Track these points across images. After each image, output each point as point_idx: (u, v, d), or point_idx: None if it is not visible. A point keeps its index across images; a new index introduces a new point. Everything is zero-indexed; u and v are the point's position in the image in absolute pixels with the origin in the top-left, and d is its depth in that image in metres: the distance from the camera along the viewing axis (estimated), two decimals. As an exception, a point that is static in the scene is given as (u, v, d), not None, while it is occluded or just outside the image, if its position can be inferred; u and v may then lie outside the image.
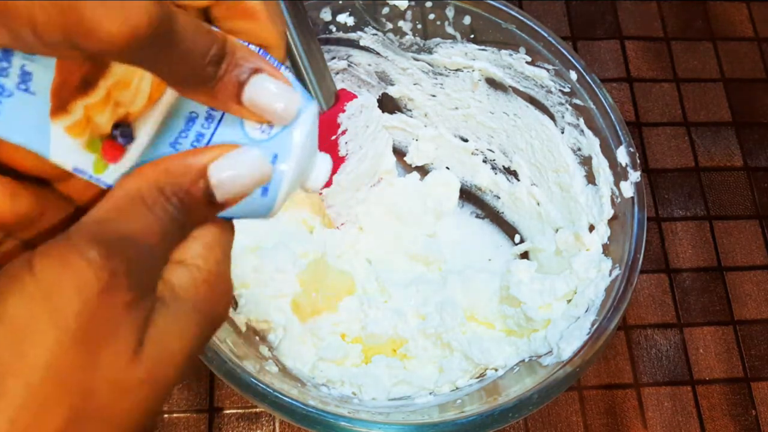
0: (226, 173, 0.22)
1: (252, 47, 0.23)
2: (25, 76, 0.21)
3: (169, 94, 0.23)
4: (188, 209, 0.22)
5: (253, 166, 0.23)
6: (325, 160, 0.25)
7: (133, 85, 0.22)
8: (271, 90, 0.22)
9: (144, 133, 0.23)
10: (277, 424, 0.53)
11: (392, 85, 0.56)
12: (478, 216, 0.60)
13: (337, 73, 0.55)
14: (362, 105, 0.52)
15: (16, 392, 0.18)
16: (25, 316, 0.19)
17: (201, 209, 0.23)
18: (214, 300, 0.23)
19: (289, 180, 0.24)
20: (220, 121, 0.23)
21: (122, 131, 0.23)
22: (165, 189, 0.22)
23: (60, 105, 0.21)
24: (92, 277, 0.19)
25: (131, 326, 0.20)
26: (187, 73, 0.21)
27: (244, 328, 0.47)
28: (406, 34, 0.52)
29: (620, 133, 0.47)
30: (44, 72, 0.21)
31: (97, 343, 0.19)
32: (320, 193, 0.53)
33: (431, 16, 0.51)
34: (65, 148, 0.22)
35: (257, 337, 0.49)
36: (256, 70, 0.22)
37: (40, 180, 0.23)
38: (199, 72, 0.21)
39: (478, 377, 0.49)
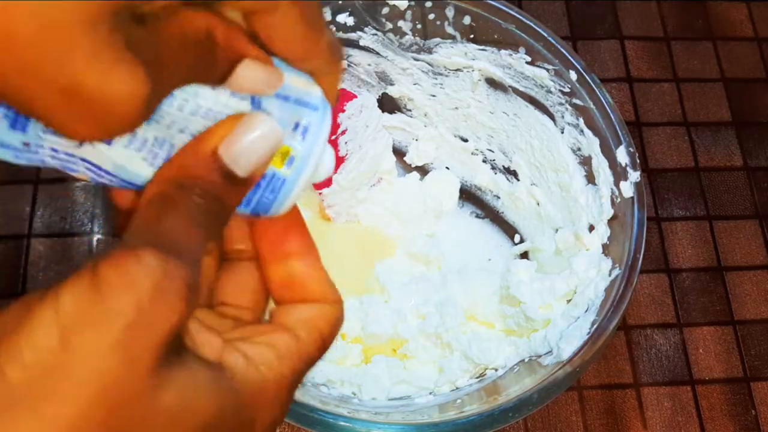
0: (236, 146, 0.22)
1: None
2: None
3: None
4: (215, 196, 0.22)
5: (262, 130, 0.22)
6: (331, 154, 0.25)
7: None
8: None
9: None
10: (277, 424, 0.53)
11: (392, 85, 0.56)
12: (478, 216, 0.60)
13: (337, 73, 0.55)
14: (362, 105, 0.52)
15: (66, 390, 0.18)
16: (75, 310, 0.19)
17: (229, 191, 0.22)
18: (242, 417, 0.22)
19: (314, 156, 0.24)
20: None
21: None
22: (184, 184, 0.22)
23: None
24: (145, 276, 0.19)
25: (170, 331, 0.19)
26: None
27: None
28: (406, 34, 0.52)
29: (620, 133, 0.47)
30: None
31: (140, 344, 0.19)
32: (320, 193, 0.53)
33: (431, 16, 0.51)
34: None
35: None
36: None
37: None
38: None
39: (478, 377, 0.49)
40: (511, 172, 0.57)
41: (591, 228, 0.50)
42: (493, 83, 0.53)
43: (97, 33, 0.17)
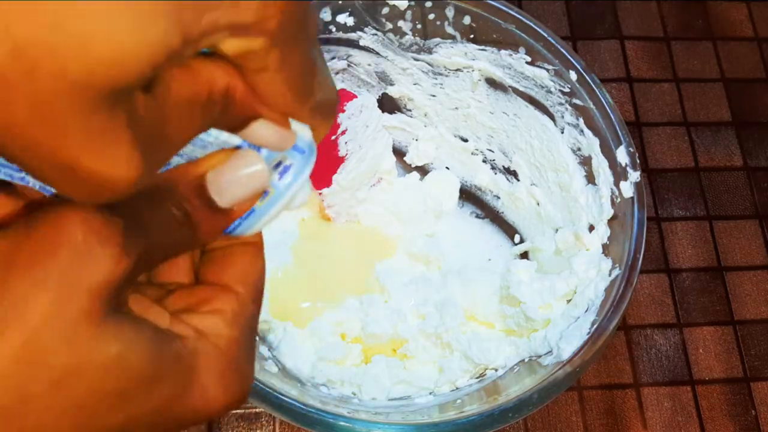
0: (223, 178, 0.23)
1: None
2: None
3: None
4: (188, 214, 0.23)
5: (252, 170, 0.23)
6: (307, 189, 0.26)
7: None
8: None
9: None
10: (277, 424, 0.53)
11: (392, 85, 0.56)
12: (478, 216, 0.60)
13: (337, 73, 0.55)
14: (362, 105, 0.52)
15: None
16: (8, 248, 0.19)
17: (205, 216, 0.23)
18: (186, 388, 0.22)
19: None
20: None
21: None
22: (166, 191, 0.22)
23: None
24: (79, 219, 0.19)
25: (107, 283, 0.19)
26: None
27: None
28: (406, 34, 0.52)
29: (620, 133, 0.47)
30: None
31: (67, 285, 0.19)
32: (320, 193, 0.53)
33: (431, 16, 0.51)
34: None
35: (257, 338, 0.49)
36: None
37: None
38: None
39: (478, 377, 0.49)
40: (511, 172, 0.57)
41: (591, 228, 0.50)
42: (493, 83, 0.53)
43: (93, 117, 0.17)
